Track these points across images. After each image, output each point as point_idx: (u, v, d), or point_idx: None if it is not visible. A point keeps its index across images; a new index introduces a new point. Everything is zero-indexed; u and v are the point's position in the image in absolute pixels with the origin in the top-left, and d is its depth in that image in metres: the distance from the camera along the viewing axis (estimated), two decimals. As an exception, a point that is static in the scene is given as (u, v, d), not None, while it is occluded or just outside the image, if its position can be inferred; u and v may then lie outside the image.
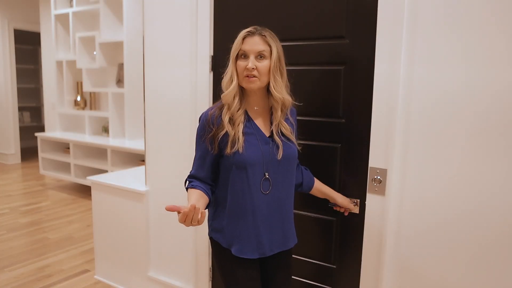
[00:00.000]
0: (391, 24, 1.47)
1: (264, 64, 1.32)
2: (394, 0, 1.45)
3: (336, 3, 1.63)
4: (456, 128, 1.39)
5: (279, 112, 1.38)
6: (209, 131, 1.35)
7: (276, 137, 1.38)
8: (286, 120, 1.43)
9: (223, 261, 1.44)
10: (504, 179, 1.33)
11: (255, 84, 1.33)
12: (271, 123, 1.40)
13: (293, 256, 1.85)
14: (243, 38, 1.32)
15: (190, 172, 1.43)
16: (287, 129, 1.41)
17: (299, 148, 1.46)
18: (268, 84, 1.35)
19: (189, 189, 1.39)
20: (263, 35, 1.32)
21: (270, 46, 1.32)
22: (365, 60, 1.57)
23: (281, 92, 1.35)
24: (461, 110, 1.38)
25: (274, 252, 1.42)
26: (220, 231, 1.42)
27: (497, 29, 1.30)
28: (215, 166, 1.41)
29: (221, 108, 1.37)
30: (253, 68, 1.30)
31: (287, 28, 1.75)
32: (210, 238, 1.47)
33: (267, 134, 1.40)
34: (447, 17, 1.37)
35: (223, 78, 1.38)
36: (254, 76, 1.31)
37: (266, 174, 1.36)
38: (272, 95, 1.36)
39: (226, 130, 1.33)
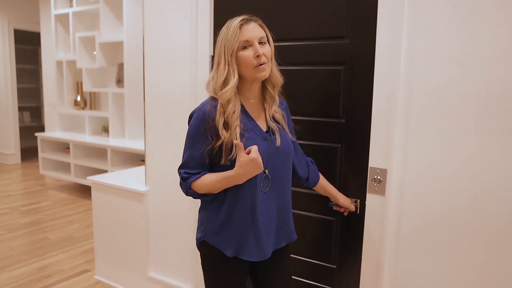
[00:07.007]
0: (391, 24, 1.47)
1: (268, 49, 1.28)
2: (394, 0, 1.45)
3: (336, 3, 1.63)
4: (456, 128, 1.39)
5: (275, 96, 1.36)
6: (207, 135, 1.26)
7: (272, 124, 1.34)
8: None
9: (216, 265, 1.35)
10: (505, 181, 1.33)
11: (267, 72, 1.28)
12: (265, 114, 1.36)
13: (293, 256, 1.85)
14: (240, 27, 1.25)
15: (185, 169, 1.32)
16: (279, 113, 1.38)
17: (294, 139, 1.43)
18: None
19: (203, 177, 1.29)
20: (256, 21, 1.29)
21: (265, 31, 1.30)
22: (365, 60, 1.57)
23: (279, 74, 1.35)
24: (461, 111, 1.38)
25: (270, 251, 1.37)
26: (216, 233, 1.33)
27: (501, 28, 1.30)
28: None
29: (214, 107, 1.27)
30: (263, 55, 1.24)
31: (287, 28, 1.75)
32: (203, 242, 1.36)
33: (264, 129, 1.34)
34: (447, 15, 1.37)
35: (214, 77, 1.28)
36: (265, 63, 1.26)
37: (266, 171, 1.31)
38: (271, 79, 1.33)
39: (222, 140, 1.24)
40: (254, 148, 1.22)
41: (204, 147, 1.27)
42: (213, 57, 1.96)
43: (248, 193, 1.29)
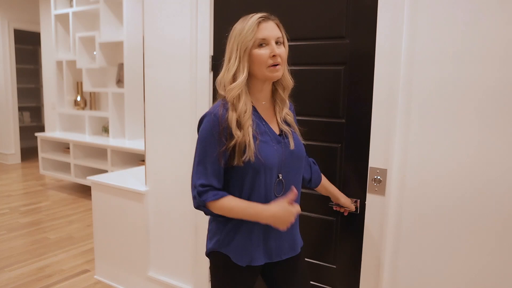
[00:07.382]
0: (391, 24, 1.47)
1: (283, 50, 1.25)
2: (394, 0, 1.45)
3: (336, 3, 1.63)
4: (456, 127, 1.39)
5: (286, 99, 1.34)
6: (221, 137, 1.20)
7: (284, 127, 1.32)
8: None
9: (227, 273, 1.31)
10: (505, 180, 1.33)
11: (280, 73, 1.24)
12: (276, 116, 1.34)
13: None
14: (258, 25, 1.21)
15: (200, 181, 1.24)
16: (290, 116, 1.36)
17: (303, 141, 1.41)
18: None
19: (225, 200, 1.23)
20: (274, 20, 1.25)
21: (281, 32, 1.27)
22: (365, 60, 1.57)
23: (290, 77, 1.32)
24: (461, 110, 1.38)
25: (282, 258, 1.34)
26: (228, 243, 1.29)
27: (501, 25, 1.30)
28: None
29: (226, 108, 1.22)
30: (279, 55, 1.21)
31: (288, 28, 1.74)
32: (215, 252, 1.32)
33: (277, 132, 1.31)
34: (446, 14, 1.37)
35: (224, 73, 1.26)
36: (279, 64, 1.22)
37: (280, 175, 1.27)
38: (282, 82, 1.31)
39: (236, 139, 1.19)
40: (298, 207, 1.23)
41: (218, 150, 1.21)
42: (213, 57, 1.97)
43: (262, 199, 1.26)
